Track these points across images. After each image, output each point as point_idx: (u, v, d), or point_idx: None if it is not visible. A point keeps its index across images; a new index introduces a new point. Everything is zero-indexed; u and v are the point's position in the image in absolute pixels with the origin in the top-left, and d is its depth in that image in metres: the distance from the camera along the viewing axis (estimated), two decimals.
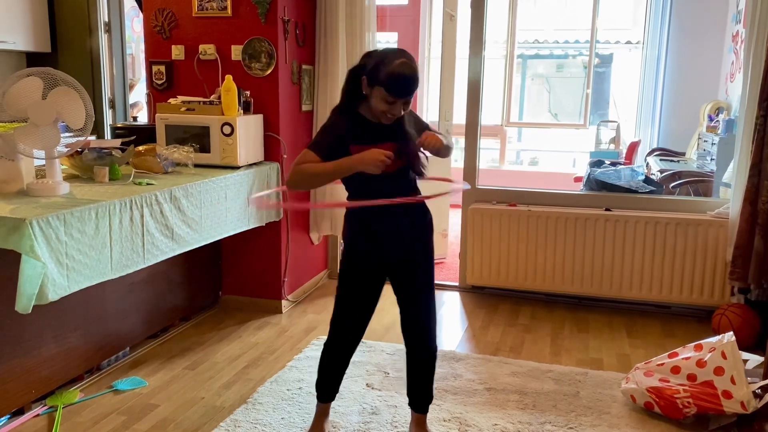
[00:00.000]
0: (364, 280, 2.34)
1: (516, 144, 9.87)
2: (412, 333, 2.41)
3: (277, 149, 3.76)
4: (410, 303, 2.38)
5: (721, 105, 5.68)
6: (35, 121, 2.49)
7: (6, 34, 4.73)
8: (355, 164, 2.09)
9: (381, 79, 2.07)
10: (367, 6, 3.96)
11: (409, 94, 2.12)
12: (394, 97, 2.09)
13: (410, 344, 2.42)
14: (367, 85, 2.13)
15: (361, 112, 2.22)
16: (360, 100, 2.20)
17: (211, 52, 3.71)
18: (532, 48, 9.57)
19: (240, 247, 3.88)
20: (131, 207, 2.63)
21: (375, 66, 2.10)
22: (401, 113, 2.16)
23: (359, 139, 2.16)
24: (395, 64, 2.06)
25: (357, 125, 2.20)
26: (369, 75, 2.12)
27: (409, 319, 2.40)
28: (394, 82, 2.06)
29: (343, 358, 2.46)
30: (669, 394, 2.62)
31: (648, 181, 4.47)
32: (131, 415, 2.69)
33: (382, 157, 2.04)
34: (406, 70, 2.07)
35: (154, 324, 3.42)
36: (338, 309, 2.40)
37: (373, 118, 2.20)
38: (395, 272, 2.36)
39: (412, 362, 2.45)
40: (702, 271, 3.80)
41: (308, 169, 2.13)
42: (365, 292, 2.35)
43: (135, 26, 6.07)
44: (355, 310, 2.38)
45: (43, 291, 2.19)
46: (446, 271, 4.88)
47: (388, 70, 2.06)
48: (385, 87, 2.07)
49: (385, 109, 2.12)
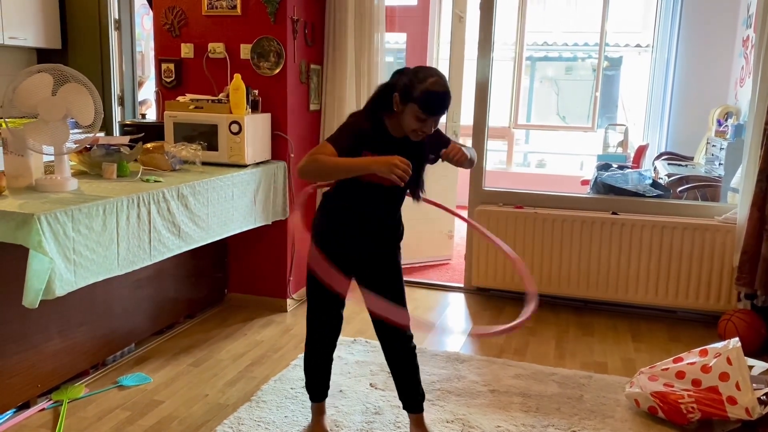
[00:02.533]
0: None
1: (523, 146, 9.85)
2: (385, 331, 2.41)
3: (285, 148, 3.76)
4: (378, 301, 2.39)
5: (730, 110, 5.65)
6: (45, 117, 2.50)
7: (17, 31, 4.76)
8: (371, 165, 2.09)
9: (415, 97, 2.09)
10: (376, 6, 3.97)
11: (442, 112, 2.14)
12: (426, 115, 2.10)
13: (386, 344, 2.43)
14: (400, 102, 2.14)
15: (386, 124, 2.22)
16: (385, 114, 2.21)
17: (220, 51, 3.72)
18: (541, 50, 9.55)
19: (246, 246, 3.89)
20: (139, 204, 2.64)
21: (409, 83, 2.11)
22: (431, 131, 2.18)
23: (375, 149, 2.16)
24: (429, 82, 2.08)
25: (378, 136, 2.20)
26: (401, 92, 2.13)
27: (380, 321, 2.39)
28: (428, 100, 2.08)
29: (325, 355, 2.49)
30: (673, 399, 2.61)
31: (655, 185, 4.45)
32: (135, 411, 2.70)
33: (397, 161, 2.03)
34: (440, 89, 2.09)
35: (159, 320, 3.44)
36: (311, 305, 2.43)
37: (396, 134, 2.21)
38: (358, 270, 2.38)
39: (393, 362, 2.45)
40: (708, 276, 3.78)
41: (323, 160, 2.12)
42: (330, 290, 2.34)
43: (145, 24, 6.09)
44: (326, 304, 2.40)
45: (50, 286, 2.20)
46: (451, 272, 4.88)
47: (423, 87, 2.08)
48: (419, 104, 2.09)
49: (416, 127, 2.14)
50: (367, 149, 2.16)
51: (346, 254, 2.32)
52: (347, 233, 2.32)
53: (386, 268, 2.39)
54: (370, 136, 2.19)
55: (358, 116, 2.27)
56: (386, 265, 2.39)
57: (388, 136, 2.22)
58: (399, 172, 2.02)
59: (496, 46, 4.20)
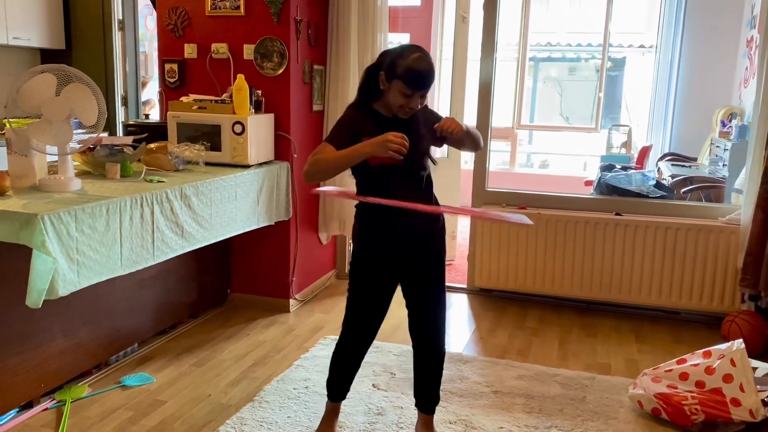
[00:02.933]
0: (377, 280, 2.34)
1: (527, 147, 9.84)
2: (420, 335, 2.41)
3: (288, 149, 3.77)
4: (420, 305, 2.38)
5: (734, 110, 5.64)
6: (48, 117, 2.51)
7: (21, 31, 4.77)
8: (366, 148, 2.11)
9: (399, 73, 2.12)
10: (379, 7, 3.97)
11: (426, 87, 2.16)
12: (411, 90, 2.13)
13: (418, 346, 2.42)
14: (385, 80, 2.18)
15: (376, 107, 2.26)
16: (375, 97, 2.24)
17: (224, 51, 3.73)
18: (545, 51, 9.54)
19: (249, 246, 3.89)
20: (142, 204, 2.64)
21: (392, 61, 2.15)
22: (418, 106, 2.20)
23: (371, 132, 2.17)
24: (412, 57, 2.12)
25: (371, 119, 2.24)
26: (386, 70, 2.17)
27: (418, 321, 2.40)
28: (412, 74, 2.11)
29: (356, 359, 2.46)
30: (677, 401, 2.61)
31: (659, 186, 4.44)
32: (138, 411, 2.70)
33: (390, 137, 2.05)
34: (423, 64, 2.13)
35: (162, 320, 3.44)
36: (351, 309, 2.39)
37: (388, 113, 2.24)
38: (407, 273, 2.36)
39: (420, 364, 2.45)
40: (712, 278, 3.77)
41: (322, 158, 2.17)
42: (378, 292, 2.35)
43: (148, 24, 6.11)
44: (368, 311, 2.37)
45: (53, 286, 2.21)
46: (454, 273, 4.87)
47: (406, 64, 2.12)
48: (403, 80, 2.12)
49: (402, 103, 2.17)
50: (365, 135, 2.16)
51: (390, 255, 2.31)
52: (387, 232, 2.29)
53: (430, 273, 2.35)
54: (364, 122, 2.22)
55: (349, 108, 2.31)
56: (430, 269, 2.35)
57: (381, 118, 2.24)
58: (394, 146, 2.04)
59: (499, 46, 4.20)
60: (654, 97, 6.81)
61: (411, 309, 2.40)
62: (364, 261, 2.34)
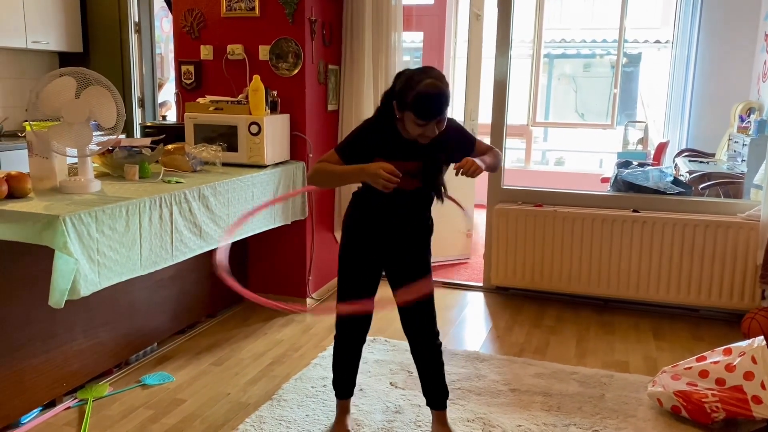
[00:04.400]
0: (363, 269, 2.37)
1: (542, 144, 9.78)
2: (413, 328, 2.42)
3: (304, 149, 3.78)
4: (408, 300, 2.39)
5: (752, 105, 5.57)
6: (68, 119, 2.54)
7: (40, 35, 4.83)
8: (359, 173, 2.11)
9: (408, 103, 2.05)
10: (393, 6, 3.97)
11: (438, 115, 2.07)
12: (423, 120, 2.06)
13: (413, 340, 2.44)
14: (398, 110, 2.12)
15: (398, 126, 2.20)
16: (395, 116, 2.18)
17: (239, 52, 3.75)
18: (559, 47, 9.48)
19: (266, 246, 3.92)
20: (161, 205, 2.67)
21: (402, 89, 2.08)
22: (435, 133, 2.12)
23: (386, 153, 2.16)
24: (421, 85, 2.02)
25: (388, 138, 2.20)
26: (398, 99, 2.10)
27: (408, 317, 2.41)
28: (421, 105, 2.03)
29: (354, 352, 2.50)
30: (697, 399, 2.59)
31: (676, 182, 4.41)
32: (159, 410, 2.73)
33: (381, 172, 2.03)
34: (432, 90, 2.02)
35: (181, 320, 3.47)
36: (342, 301, 2.43)
37: (407, 135, 2.19)
38: (392, 265, 2.38)
39: (419, 357, 2.46)
40: (732, 274, 3.74)
41: (324, 168, 2.20)
42: (364, 282, 2.38)
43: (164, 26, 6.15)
44: (358, 293, 2.39)
45: (75, 286, 2.24)
46: (470, 271, 4.87)
47: (414, 94, 2.03)
48: (413, 111, 2.05)
49: (419, 132, 2.10)
50: (379, 155, 2.15)
51: (375, 244, 2.34)
52: (376, 223, 2.32)
53: (414, 266, 2.39)
54: (380, 141, 2.19)
55: (368, 122, 2.27)
56: (414, 263, 2.39)
57: (399, 139, 2.20)
58: (382, 181, 2.04)
59: (513, 43, 4.18)
60: (670, 93, 6.74)
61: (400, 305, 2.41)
62: (348, 251, 2.37)
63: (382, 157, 2.15)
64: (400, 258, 2.38)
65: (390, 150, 2.17)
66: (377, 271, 2.41)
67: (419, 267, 2.39)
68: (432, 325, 2.42)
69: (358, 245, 2.36)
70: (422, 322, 2.40)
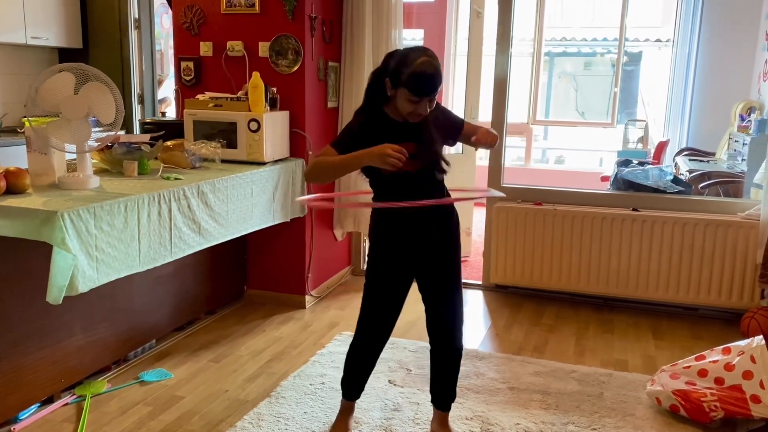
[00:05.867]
0: (392, 279, 2.34)
1: (542, 142, 9.79)
2: (437, 331, 2.40)
3: (303, 145, 3.78)
4: (436, 301, 2.38)
5: (753, 104, 5.57)
6: (67, 115, 2.53)
7: (39, 31, 4.82)
8: (363, 157, 2.10)
9: (403, 80, 2.08)
10: (393, 3, 3.96)
11: (432, 92, 2.11)
12: (418, 97, 2.09)
13: (435, 343, 2.42)
14: (391, 87, 2.14)
15: (386, 111, 2.22)
16: (384, 100, 2.21)
17: (239, 49, 3.74)
18: (560, 45, 9.48)
19: (265, 243, 3.91)
20: (159, 201, 2.66)
21: (396, 67, 2.10)
22: (427, 111, 2.16)
23: (380, 139, 2.15)
24: (416, 63, 2.06)
25: (380, 125, 2.21)
26: (391, 77, 2.13)
27: (435, 318, 2.39)
28: (417, 81, 2.06)
29: (371, 358, 2.47)
30: (695, 398, 2.59)
31: (676, 181, 4.40)
32: (157, 406, 2.73)
33: (388, 150, 2.03)
34: (428, 68, 2.06)
35: (180, 317, 3.47)
36: (366, 308, 2.40)
37: (398, 118, 2.21)
38: (422, 270, 2.36)
39: (437, 361, 2.44)
40: (731, 273, 3.74)
41: (322, 161, 2.19)
42: (392, 291, 2.35)
43: (164, 23, 6.15)
44: (383, 310, 2.38)
45: (73, 282, 2.23)
46: (470, 269, 4.87)
47: (410, 71, 2.06)
48: (408, 87, 2.07)
49: (411, 110, 2.13)
50: (373, 142, 2.14)
51: (404, 252, 2.31)
52: (400, 232, 2.29)
53: (445, 268, 2.35)
54: (372, 128, 2.19)
55: (357, 113, 2.29)
56: (445, 264, 2.35)
57: (390, 122, 2.21)
58: (392, 160, 2.03)
59: (514, 41, 4.17)
60: (671, 92, 6.74)
61: (428, 305, 2.40)
62: (377, 260, 2.35)
63: (375, 142, 2.14)
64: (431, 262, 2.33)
65: (384, 135, 2.16)
66: (406, 283, 2.36)
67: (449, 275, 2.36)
68: (457, 330, 2.39)
69: (386, 252, 2.32)
70: (447, 326, 2.38)
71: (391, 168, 2.05)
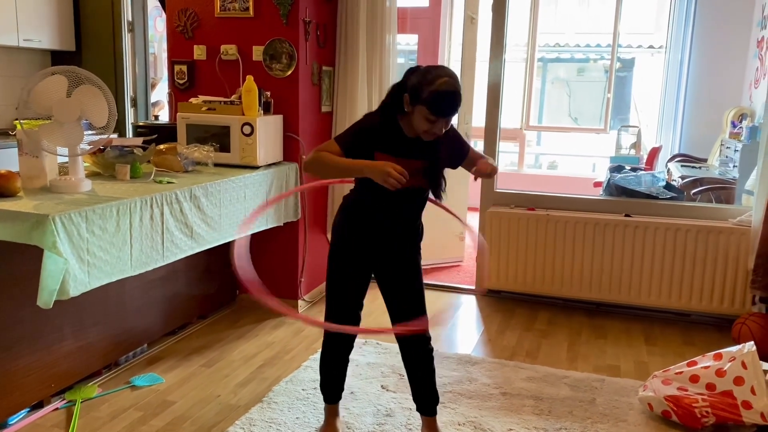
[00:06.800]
0: (354, 272, 2.36)
1: (535, 148, 9.81)
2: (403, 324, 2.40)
3: (296, 150, 3.77)
4: (398, 299, 2.39)
5: (744, 111, 5.61)
6: (59, 118, 2.52)
7: (32, 33, 4.81)
8: (366, 170, 2.09)
9: (423, 98, 2.07)
10: (388, 8, 3.97)
11: (452, 114, 2.11)
12: (436, 117, 2.08)
13: (404, 344, 2.42)
14: (409, 103, 2.13)
15: (400, 123, 2.20)
16: (399, 112, 2.19)
17: (233, 53, 3.74)
18: (553, 51, 9.51)
19: (258, 247, 3.90)
20: (152, 205, 2.65)
21: (417, 84, 2.09)
22: (442, 131, 2.15)
23: (388, 149, 2.15)
24: (438, 83, 2.05)
25: (391, 134, 2.20)
26: (411, 93, 2.11)
27: (399, 318, 2.40)
28: (438, 100, 2.05)
29: (342, 356, 2.49)
30: (687, 403, 2.59)
31: (669, 187, 4.42)
32: (148, 411, 2.71)
33: (390, 170, 2.03)
34: (449, 89, 2.06)
35: (171, 321, 3.45)
36: (330, 306, 2.42)
37: (409, 133, 2.20)
38: (381, 268, 2.38)
39: (410, 362, 2.44)
40: (723, 280, 3.75)
41: (324, 157, 2.15)
42: (355, 284, 2.37)
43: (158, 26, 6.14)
44: (345, 305, 2.39)
45: (64, 286, 2.22)
46: (463, 274, 4.87)
47: (431, 89, 2.05)
48: (427, 106, 2.06)
49: (426, 128, 2.12)
50: (379, 149, 2.15)
51: (365, 250, 2.33)
52: (366, 229, 2.31)
53: (405, 267, 2.38)
54: (382, 136, 2.18)
55: (371, 116, 2.27)
56: (405, 264, 2.38)
57: (401, 135, 2.20)
58: (392, 181, 2.03)
59: (507, 47, 4.19)
60: (663, 98, 6.78)
61: (390, 307, 2.41)
62: (343, 252, 2.35)
63: (383, 152, 2.15)
64: (391, 261, 2.37)
65: (392, 146, 2.17)
66: (367, 275, 2.40)
67: (409, 270, 2.38)
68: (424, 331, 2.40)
69: (350, 249, 2.35)
70: (412, 318, 2.38)
71: (389, 187, 2.05)
